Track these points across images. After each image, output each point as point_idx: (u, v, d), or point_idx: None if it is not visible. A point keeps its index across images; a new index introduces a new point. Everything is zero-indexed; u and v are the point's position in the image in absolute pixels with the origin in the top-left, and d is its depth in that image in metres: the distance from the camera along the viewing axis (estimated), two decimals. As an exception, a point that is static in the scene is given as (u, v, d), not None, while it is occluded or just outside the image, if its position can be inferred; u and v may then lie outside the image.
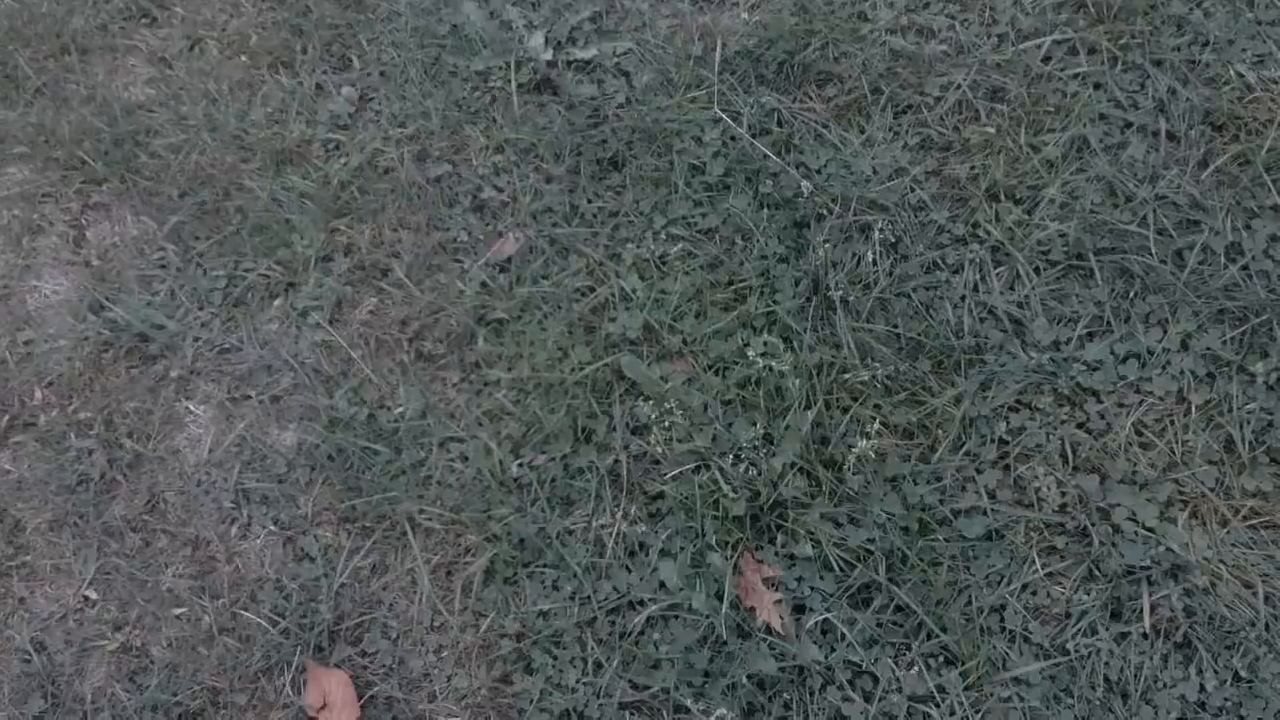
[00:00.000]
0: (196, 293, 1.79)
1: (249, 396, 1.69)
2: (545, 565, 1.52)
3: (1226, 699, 1.37)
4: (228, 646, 1.50)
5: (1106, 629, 1.42)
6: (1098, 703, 1.39)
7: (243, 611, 1.52)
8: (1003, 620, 1.44)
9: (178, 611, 1.53)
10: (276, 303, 1.77)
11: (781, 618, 1.46)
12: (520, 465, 1.59)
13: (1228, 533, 1.45)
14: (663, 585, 1.50)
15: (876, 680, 1.43)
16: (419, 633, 1.51)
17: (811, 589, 1.48)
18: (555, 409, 1.62)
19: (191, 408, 1.70)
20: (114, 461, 1.65)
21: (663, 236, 1.76)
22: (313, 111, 1.97)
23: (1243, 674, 1.38)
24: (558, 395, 1.63)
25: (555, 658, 1.47)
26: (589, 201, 1.82)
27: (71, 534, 1.60)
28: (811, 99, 1.91)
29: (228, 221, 1.85)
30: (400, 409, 1.65)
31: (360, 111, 1.98)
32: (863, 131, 1.86)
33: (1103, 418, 1.55)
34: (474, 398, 1.66)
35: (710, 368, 1.65)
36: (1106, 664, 1.40)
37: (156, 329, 1.75)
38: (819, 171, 1.82)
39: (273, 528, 1.58)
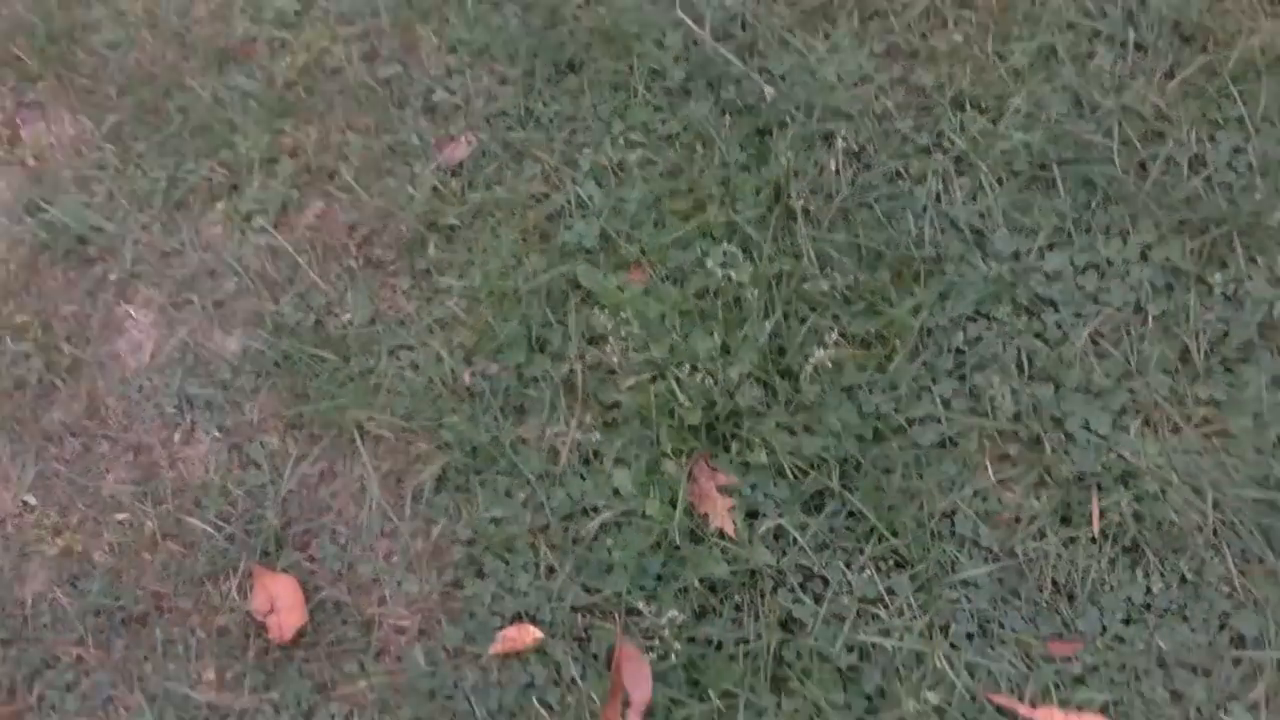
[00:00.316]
0: (136, 194, 1.77)
1: (191, 301, 1.69)
2: (498, 473, 1.55)
3: (1172, 601, 1.42)
4: (171, 552, 1.51)
5: (1055, 533, 1.46)
6: (1044, 604, 1.44)
7: (186, 517, 1.53)
8: (953, 525, 1.49)
9: (120, 517, 1.54)
10: (219, 205, 1.76)
11: (734, 523, 1.50)
12: (472, 374, 1.60)
13: (1179, 440, 1.49)
14: (617, 492, 1.53)
15: (827, 583, 1.47)
16: (368, 539, 1.53)
17: (765, 496, 1.52)
18: (509, 317, 1.63)
19: (132, 312, 1.69)
20: (52, 366, 1.64)
21: (621, 142, 1.76)
22: (257, 8, 1.94)
23: (1189, 577, 1.43)
24: (511, 303, 1.64)
25: (507, 563, 1.50)
26: (545, 105, 1.81)
27: (9, 439, 1.60)
28: (776, 2, 1.90)
29: (168, 122, 1.83)
30: (348, 316, 1.66)
31: (307, 9, 1.94)
32: (828, 37, 1.86)
33: (1060, 328, 1.59)
34: (424, 305, 1.66)
35: (668, 277, 1.66)
36: (1054, 567, 1.45)
37: (95, 231, 1.73)
38: (782, 78, 1.82)
39: (217, 434, 1.59)
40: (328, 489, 1.56)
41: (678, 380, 1.56)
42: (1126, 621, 1.42)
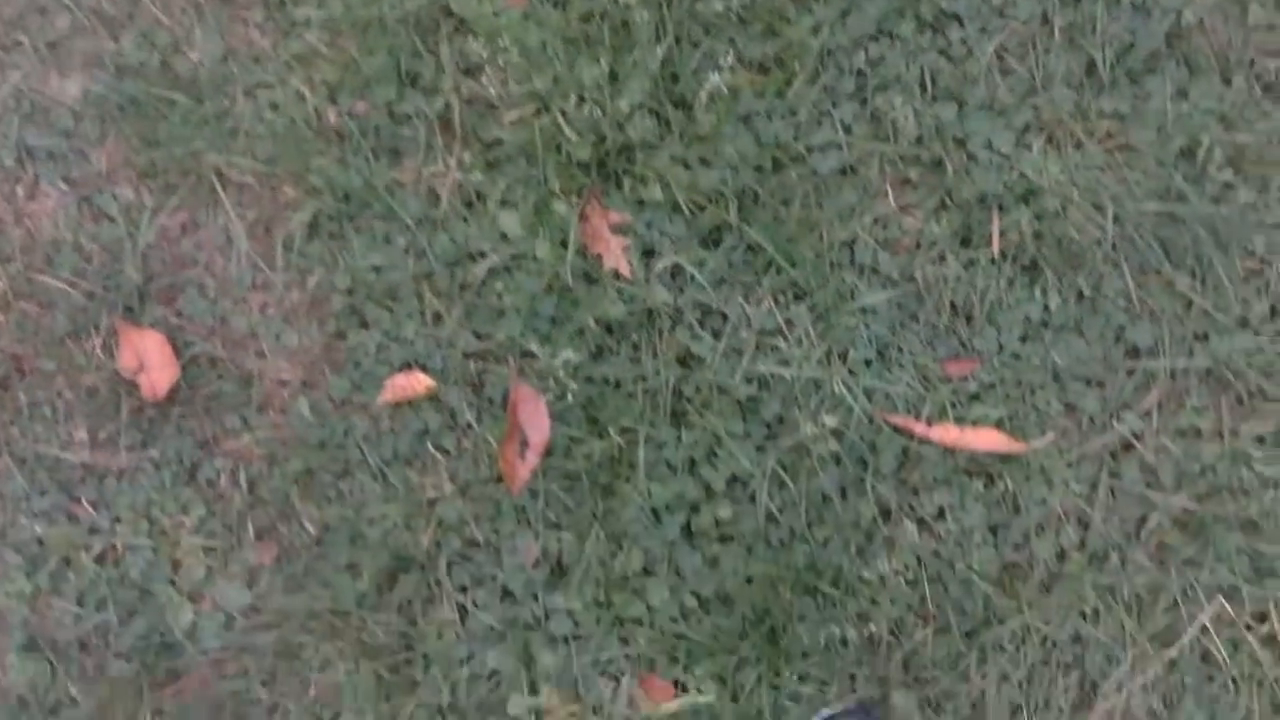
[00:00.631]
0: (-59, -75, 1.62)
1: (21, 43, 1.57)
2: (374, 218, 1.51)
3: (1069, 317, 1.48)
4: (26, 312, 1.47)
5: (955, 256, 1.50)
6: (943, 327, 1.49)
7: (39, 275, 1.48)
8: (853, 254, 1.51)
9: (-35, 278, 1.49)
10: (41, -66, 1.62)
11: (630, 263, 1.50)
12: (339, 113, 1.54)
13: (1082, 156, 1.51)
14: (504, 235, 1.51)
15: (726, 318, 1.49)
16: (240, 291, 1.51)
17: (661, 233, 1.51)
18: (374, 50, 1.56)
19: (-47, 56, 1.58)
20: None
21: None
22: None
23: (1086, 292, 1.48)
24: (376, 35, 1.56)
25: (391, 311, 1.49)
26: None
27: None
28: None
29: None
30: (197, 54, 1.56)
31: None
32: None
33: (964, 44, 1.57)
34: (281, 40, 1.58)
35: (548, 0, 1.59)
36: (953, 290, 1.49)
37: (-104, -33, 1.60)
38: None
39: (64, 186, 1.52)
40: (190, 241, 1.52)
41: (563, 113, 1.52)
42: (1023, 339, 1.48)
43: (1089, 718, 1.41)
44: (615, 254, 1.50)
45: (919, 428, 1.45)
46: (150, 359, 1.45)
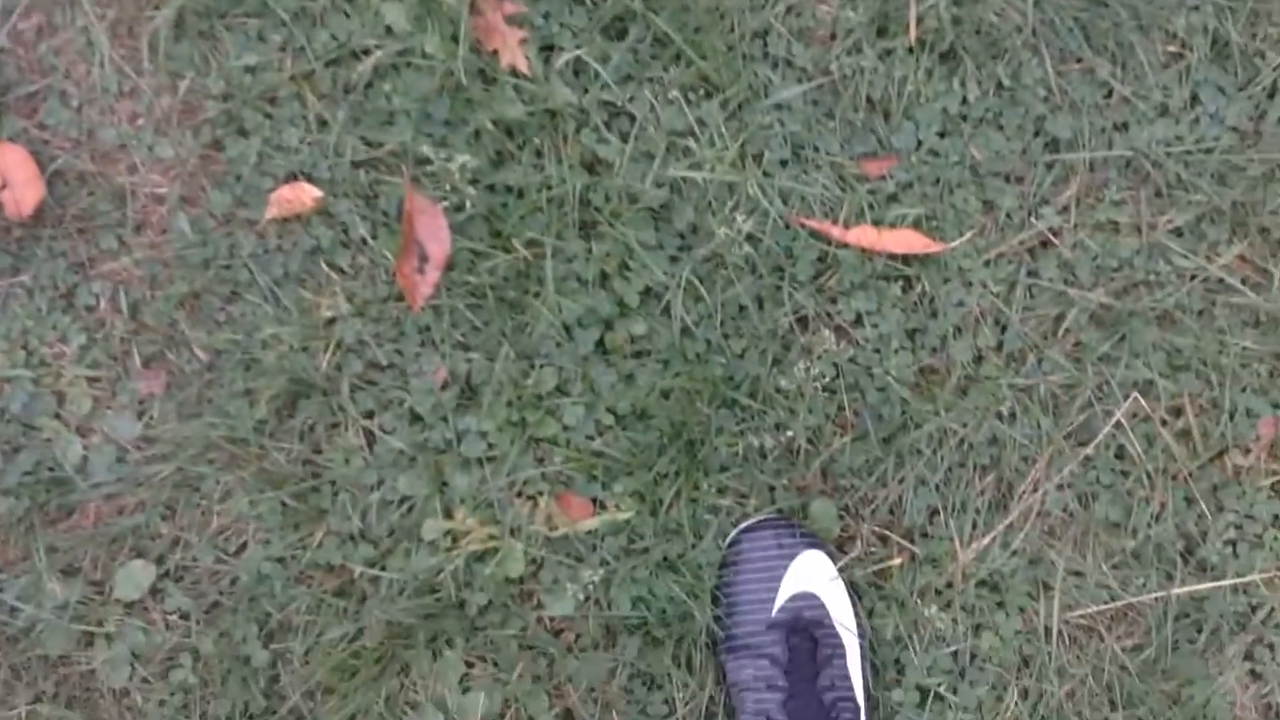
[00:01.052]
0: None
1: None
2: (246, 14, 1.47)
3: (987, 109, 1.51)
4: None
5: (872, 46, 1.51)
6: (859, 124, 1.51)
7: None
8: (765, 45, 1.51)
9: None
10: None
11: (528, 59, 1.49)
12: (203, -103, 1.49)
13: (1004, -66, 1.52)
14: (389, 29, 1.48)
15: (633, 119, 1.50)
16: (106, 100, 1.47)
17: (561, 25, 1.50)
18: None
19: None
20: None
21: None
22: None
23: (1006, 82, 1.51)
24: None
25: (271, 117, 1.47)
26: None
27: None
28: None
29: None
30: None
31: None
32: None
33: None
34: None
35: None
36: (870, 83, 1.50)
37: None
38: None
39: (-106, -7, 1.47)
40: (48, 45, 1.47)
41: (451, -106, 1.49)
42: (941, 134, 1.51)
43: (1005, 518, 1.50)
44: (512, 48, 1.49)
45: (836, 231, 1.49)
46: (13, 175, 1.42)
